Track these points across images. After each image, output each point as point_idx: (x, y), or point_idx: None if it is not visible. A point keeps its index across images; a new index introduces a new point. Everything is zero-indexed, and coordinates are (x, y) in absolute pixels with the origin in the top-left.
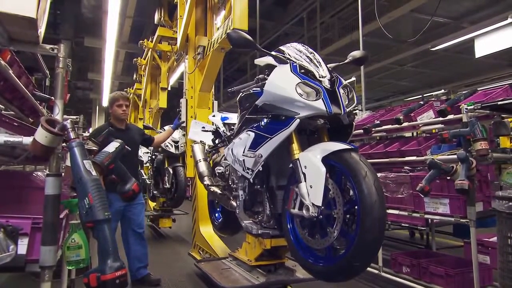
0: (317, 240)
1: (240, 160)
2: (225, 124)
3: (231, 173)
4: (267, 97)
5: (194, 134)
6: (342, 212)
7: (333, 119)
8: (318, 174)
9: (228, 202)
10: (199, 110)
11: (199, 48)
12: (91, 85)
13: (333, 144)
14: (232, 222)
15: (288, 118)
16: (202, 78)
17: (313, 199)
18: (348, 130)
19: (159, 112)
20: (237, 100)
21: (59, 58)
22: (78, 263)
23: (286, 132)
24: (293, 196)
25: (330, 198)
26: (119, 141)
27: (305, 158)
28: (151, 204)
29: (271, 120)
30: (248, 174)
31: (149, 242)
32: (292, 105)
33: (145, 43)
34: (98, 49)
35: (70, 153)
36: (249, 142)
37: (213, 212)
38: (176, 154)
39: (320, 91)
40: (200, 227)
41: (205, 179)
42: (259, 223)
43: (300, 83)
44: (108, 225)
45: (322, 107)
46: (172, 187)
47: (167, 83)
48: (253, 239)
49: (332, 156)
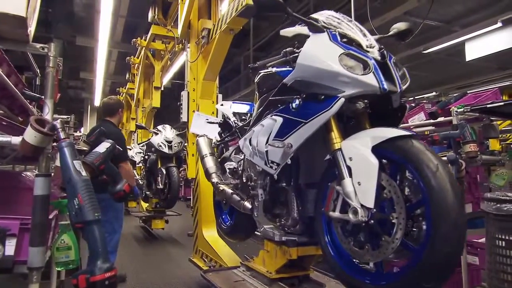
0: (367, 251)
1: (261, 152)
2: (235, 114)
3: (247, 169)
4: (301, 72)
5: (197, 128)
6: (404, 216)
7: (381, 100)
8: (369, 168)
9: (241, 203)
10: (202, 101)
11: (204, 31)
12: (83, 84)
13: (385, 130)
14: (243, 226)
15: (329, 98)
16: (206, 65)
17: (362, 199)
18: (399, 115)
19: (152, 111)
20: (256, 81)
21: (49, 57)
22: (67, 264)
23: (326, 115)
24: (332, 196)
25: (385, 198)
26: (110, 142)
27: (350, 148)
28: (143, 205)
29: (306, 101)
30: (272, 168)
31: (141, 243)
32: (334, 80)
33: (138, 41)
34: (90, 48)
35: (60, 153)
36: (275, 130)
37: (220, 214)
38: (169, 154)
39: (369, 63)
40: (204, 230)
41: (212, 176)
42: (282, 228)
43: (344, 54)
44: (98, 226)
45: (374, 83)
46: (165, 188)
47: (160, 82)
48: (273, 247)
49: (385, 145)
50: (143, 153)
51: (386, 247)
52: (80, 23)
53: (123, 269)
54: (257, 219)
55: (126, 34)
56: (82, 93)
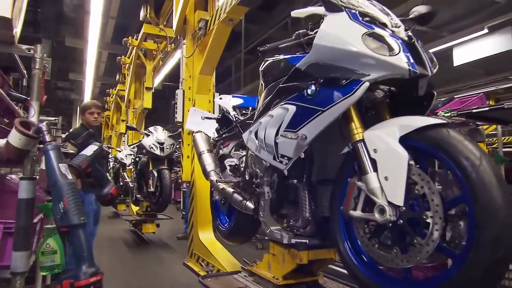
0: (396, 255)
1: (270, 145)
2: (235, 108)
3: (252, 165)
4: (318, 54)
5: (193, 124)
6: (441, 215)
7: (406, 87)
8: (397, 161)
9: (243, 203)
10: (198, 96)
11: (201, 22)
12: (72, 85)
13: (414, 118)
14: (244, 228)
15: (351, 82)
16: (203, 59)
17: (390, 195)
18: (425, 103)
19: (143, 112)
20: (261, 70)
21: (35, 59)
22: (53, 269)
23: (347, 101)
24: (353, 193)
25: (417, 194)
26: (97, 144)
27: (374, 139)
28: (133, 208)
29: (323, 86)
30: (282, 163)
31: (132, 249)
32: (357, 63)
33: (129, 40)
34: (80, 49)
35: (45, 156)
36: (286, 120)
37: (217, 215)
38: (161, 156)
39: (397, 43)
40: (200, 232)
41: (211, 174)
42: (291, 230)
43: (368, 34)
44: (83, 230)
45: (403, 65)
46: (157, 191)
47: (152, 83)
48: (280, 251)
49: (415, 135)
50: (133, 155)
51: (419, 251)
52: (70, 23)
53: (111, 273)
54: (262, 220)
55: (117, 35)
56: (71, 94)
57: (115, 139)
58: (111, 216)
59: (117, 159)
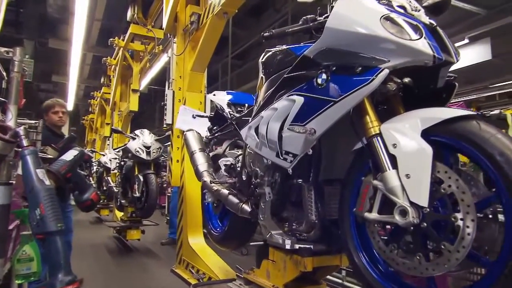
0: (419, 263)
1: (273, 141)
2: (230, 105)
3: (250, 164)
4: (331, 39)
5: (183, 123)
6: (474, 217)
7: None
8: (420, 157)
9: (239, 205)
10: (189, 94)
11: (193, 16)
12: (55, 87)
13: (437, 110)
14: (238, 232)
15: (369, 69)
16: (195, 55)
17: (412, 195)
18: (444, 96)
19: (129, 115)
20: (261, 61)
21: (14, 62)
22: (29, 277)
23: (363, 90)
24: (367, 193)
25: (443, 193)
26: (78, 149)
27: (393, 133)
28: (117, 214)
29: (335, 75)
30: (287, 161)
31: (116, 256)
32: (375, 48)
33: (116, 41)
34: (63, 51)
35: (22, 161)
36: (293, 112)
37: (209, 219)
38: (147, 160)
39: (419, 27)
40: (189, 237)
41: (204, 174)
42: (293, 234)
43: (387, 16)
44: (61, 237)
45: (428, 50)
46: (142, 196)
47: (139, 85)
48: (281, 257)
49: (440, 129)
50: (118, 159)
51: (448, 258)
52: (53, 24)
53: (93, 281)
54: (262, 223)
55: (102, 38)
56: (54, 96)
57: (99, 142)
58: (94, 222)
59: (100, 163)
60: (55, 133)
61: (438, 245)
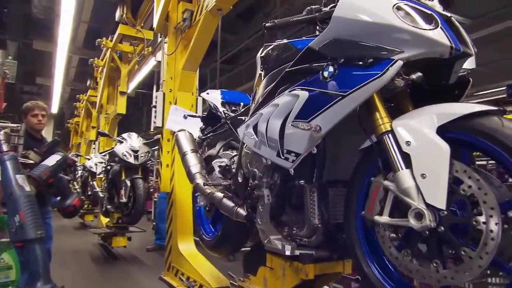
0: (435, 270)
1: (274, 139)
2: (224, 104)
3: (247, 165)
4: (339, 29)
5: (174, 123)
6: (498, 220)
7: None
8: (437, 155)
9: (234, 209)
10: (180, 94)
11: (185, 13)
12: (40, 90)
13: (454, 105)
14: (233, 237)
15: (380, 61)
16: (187, 54)
17: (429, 197)
18: (456, 92)
19: (116, 118)
20: (260, 56)
21: None
22: (7, 285)
23: (375, 84)
24: (377, 195)
25: (462, 195)
26: (61, 154)
27: (406, 130)
28: (103, 220)
29: (344, 67)
30: (289, 160)
31: (100, 263)
32: (388, 38)
33: (103, 42)
34: (48, 52)
35: (1, 166)
36: (296, 108)
37: (201, 224)
38: (135, 165)
39: (434, 17)
40: (179, 243)
41: (196, 176)
42: (293, 239)
43: (400, 5)
44: (40, 245)
45: (445, 41)
46: (129, 202)
47: (127, 87)
48: (280, 264)
49: (457, 125)
50: (105, 163)
51: (469, 266)
52: (38, 25)
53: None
54: (260, 227)
55: (89, 40)
56: (38, 99)
57: (84, 146)
58: (77, 228)
59: (85, 167)
60: (33, 137)
61: (458, 251)
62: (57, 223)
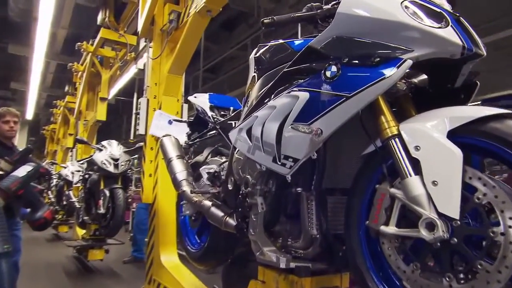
0: (448, 285)
1: (270, 143)
2: (213, 108)
3: (239, 171)
4: (343, 26)
5: (158, 129)
6: None
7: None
8: (449, 161)
9: (223, 219)
10: (166, 98)
11: (172, 14)
12: (14, 95)
13: (465, 108)
14: (220, 248)
15: (388, 61)
16: (173, 56)
17: (442, 206)
18: (462, 96)
19: (95, 125)
20: (254, 56)
21: None
22: None
23: (382, 85)
24: (383, 203)
25: (477, 203)
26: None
27: (415, 133)
28: (79, 232)
29: (348, 67)
30: (286, 166)
31: (74, 277)
32: (396, 36)
33: (84, 46)
34: (24, 57)
35: None
36: (296, 110)
37: (186, 234)
38: (114, 174)
39: (443, 15)
40: (162, 255)
41: (182, 184)
42: (287, 251)
43: (408, 2)
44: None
45: (456, 40)
46: (108, 213)
47: (107, 93)
48: (273, 277)
49: (468, 130)
50: (82, 171)
51: (486, 280)
52: (14, 29)
53: None
54: (253, 238)
55: (67, 46)
56: (12, 104)
57: (60, 154)
58: (50, 239)
59: (61, 176)
60: (4, 145)
61: (473, 265)
62: (27, 235)
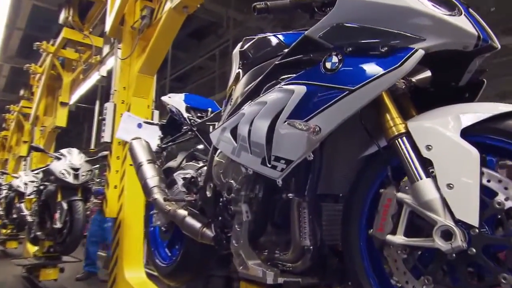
0: None
1: (259, 143)
2: (189, 109)
3: (220, 176)
4: (345, 12)
5: (125, 132)
6: None
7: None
8: (465, 162)
9: (199, 230)
10: (135, 100)
11: (145, 10)
12: None
13: (479, 105)
14: (194, 262)
15: (396, 51)
16: (144, 55)
17: (459, 212)
18: (467, 95)
19: (54, 131)
20: (239, 50)
21: None
22: None
23: (390, 77)
24: (389, 210)
25: (497, 209)
26: None
27: (426, 132)
28: (30, 248)
29: (351, 57)
30: (277, 169)
31: None
32: (406, 23)
33: (43, 46)
34: None
35: None
36: (290, 106)
37: (155, 247)
38: (74, 185)
39: (455, 4)
40: (126, 271)
41: (153, 191)
42: (274, 265)
43: None
44: None
45: (471, 29)
46: (65, 227)
47: (69, 98)
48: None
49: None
50: (37, 182)
51: None
52: None
53: None
54: (236, 250)
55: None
56: None
57: (12, 163)
58: None
59: (12, 186)
60: None
61: (495, 278)
62: None
